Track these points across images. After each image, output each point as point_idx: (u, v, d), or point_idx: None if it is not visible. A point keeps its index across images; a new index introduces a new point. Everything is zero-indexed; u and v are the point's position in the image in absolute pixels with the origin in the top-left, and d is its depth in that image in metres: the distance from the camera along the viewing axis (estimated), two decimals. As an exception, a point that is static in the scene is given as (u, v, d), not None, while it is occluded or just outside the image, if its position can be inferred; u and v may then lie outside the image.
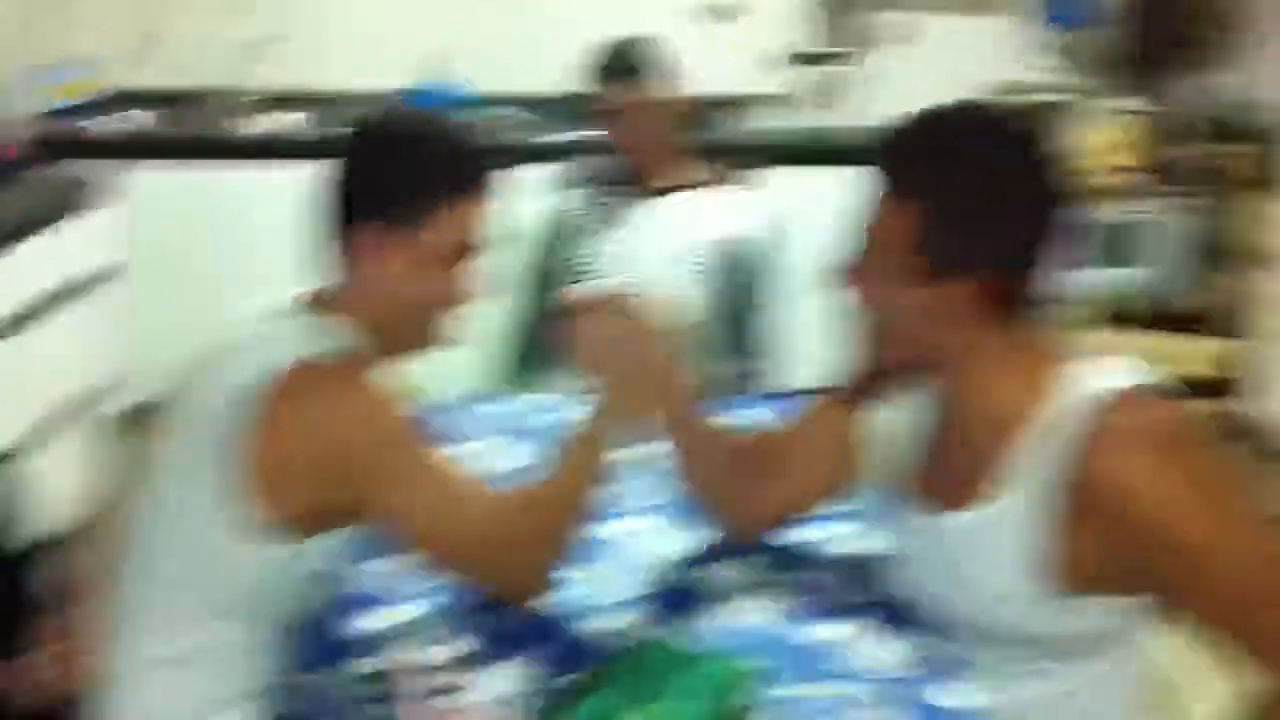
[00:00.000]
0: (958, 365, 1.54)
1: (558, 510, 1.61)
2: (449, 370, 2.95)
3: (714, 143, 4.30)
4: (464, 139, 1.69)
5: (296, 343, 1.58)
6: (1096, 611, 1.52)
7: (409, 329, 1.67)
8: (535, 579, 1.61)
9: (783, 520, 1.85)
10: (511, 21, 4.60)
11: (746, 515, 1.82)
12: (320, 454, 1.52)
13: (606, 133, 2.92)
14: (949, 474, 1.59)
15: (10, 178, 3.40)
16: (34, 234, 3.11)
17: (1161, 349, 4.01)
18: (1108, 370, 1.51)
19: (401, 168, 1.64)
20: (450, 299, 1.66)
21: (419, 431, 1.60)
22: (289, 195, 1.69)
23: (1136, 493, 1.41)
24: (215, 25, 4.45)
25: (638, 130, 2.86)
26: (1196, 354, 4.10)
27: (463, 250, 1.65)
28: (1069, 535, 1.47)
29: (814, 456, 1.79)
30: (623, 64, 2.86)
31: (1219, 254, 4.53)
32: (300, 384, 1.54)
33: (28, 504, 1.85)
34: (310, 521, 1.57)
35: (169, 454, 1.64)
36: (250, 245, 3.99)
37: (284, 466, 1.53)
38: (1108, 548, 1.45)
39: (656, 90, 2.86)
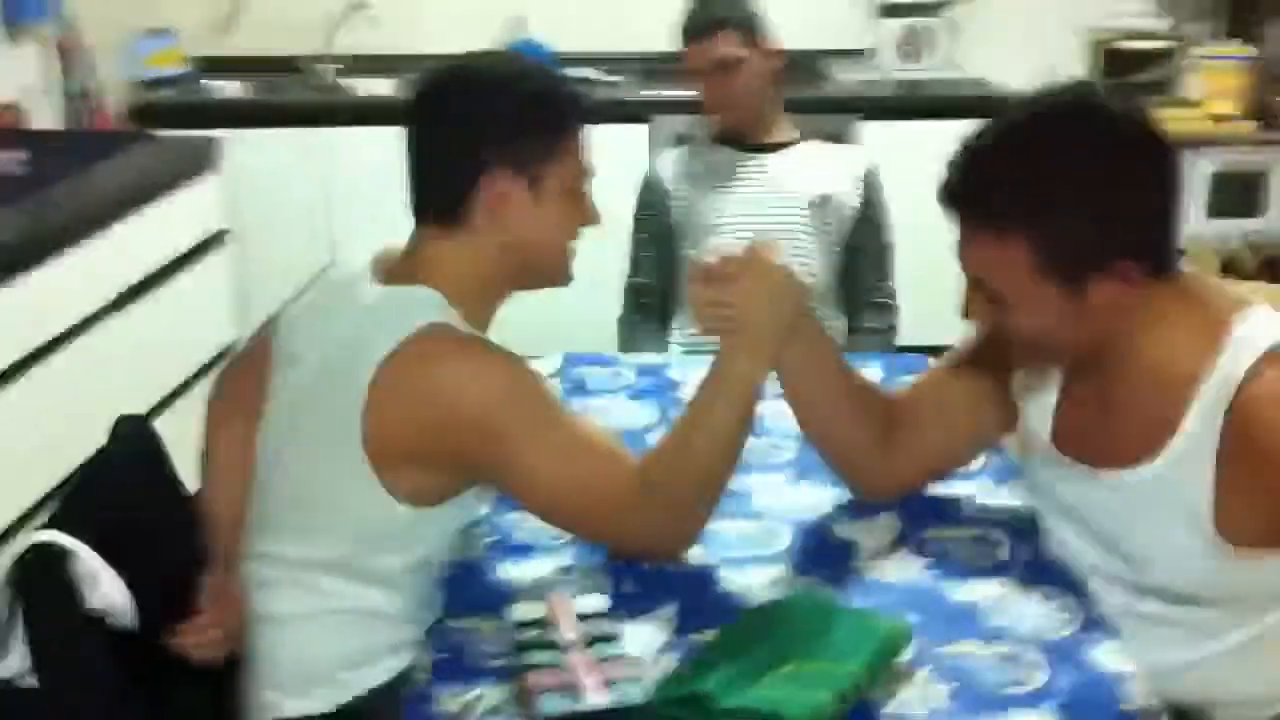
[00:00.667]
0: (1117, 336, 1.50)
1: (707, 458, 1.60)
2: (562, 330, 2.98)
3: (802, 98, 4.27)
4: (548, 75, 1.72)
5: (410, 314, 1.58)
6: (1273, 567, 1.49)
7: (544, 266, 1.70)
8: (684, 533, 1.63)
9: (920, 482, 1.83)
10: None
11: (882, 475, 1.80)
12: (450, 421, 1.53)
13: (697, 91, 2.85)
14: (1108, 433, 1.56)
15: (107, 149, 3.42)
16: (138, 206, 3.13)
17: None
18: (1267, 321, 1.48)
19: (509, 111, 1.64)
20: (577, 228, 1.71)
21: (549, 393, 1.61)
22: (382, 157, 1.70)
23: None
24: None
25: (728, 88, 2.78)
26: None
27: (581, 178, 1.69)
28: (1237, 487, 1.44)
29: (954, 413, 1.77)
30: (710, 20, 2.78)
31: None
32: (427, 353, 1.55)
33: (167, 462, 1.88)
34: (444, 488, 1.59)
35: (295, 412, 1.66)
36: (348, 207, 4.02)
37: (415, 435, 1.54)
38: (1271, 499, 1.42)
39: (746, 45, 2.77)
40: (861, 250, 2.86)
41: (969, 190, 1.47)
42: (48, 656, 1.51)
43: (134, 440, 1.90)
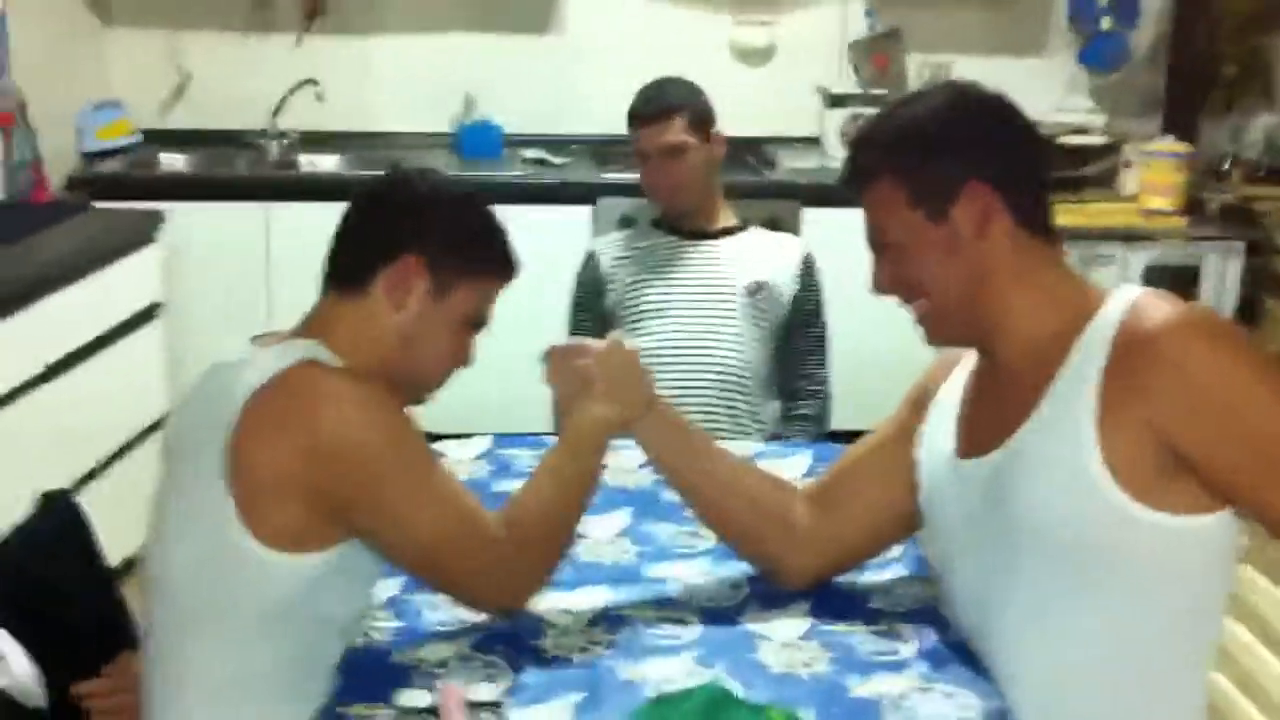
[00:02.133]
0: (998, 310, 1.57)
1: (557, 510, 1.69)
2: (494, 408, 2.98)
3: (747, 184, 4.32)
4: (500, 223, 1.75)
5: (286, 356, 1.59)
6: (1166, 530, 1.49)
7: (414, 371, 1.70)
8: (533, 582, 1.69)
9: (836, 568, 1.83)
10: (544, 64, 4.63)
11: (796, 563, 1.80)
12: (318, 450, 1.52)
13: (642, 175, 2.89)
14: (995, 419, 1.59)
15: (47, 220, 3.41)
16: (76, 277, 3.12)
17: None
18: (1144, 294, 1.53)
19: (453, 220, 1.70)
20: (453, 358, 1.73)
21: (419, 437, 1.62)
22: (324, 233, 1.71)
23: (1179, 364, 1.43)
24: (250, 67, 4.48)
25: (673, 173, 2.82)
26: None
27: (478, 320, 1.73)
28: (1122, 426, 1.46)
29: (867, 496, 1.79)
30: (662, 106, 2.82)
31: (1262, 296, 4.50)
32: (299, 382, 1.56)
33: (90, 538, 1.87)
34: (307, 531, 1.55)
35: (173, 478, 1.65)
36: (288, 282, 4.01)
37: (277, 472, 1.53)
38: (1160, 435, 1.45)
39: (693, 134, 2.81)
40: (796, 337, 2.88)
41: (852, 163, 1.65)
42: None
43: (57, 515, 1.89)
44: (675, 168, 2.81)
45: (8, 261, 3.07)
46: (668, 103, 2.82)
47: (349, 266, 1.68)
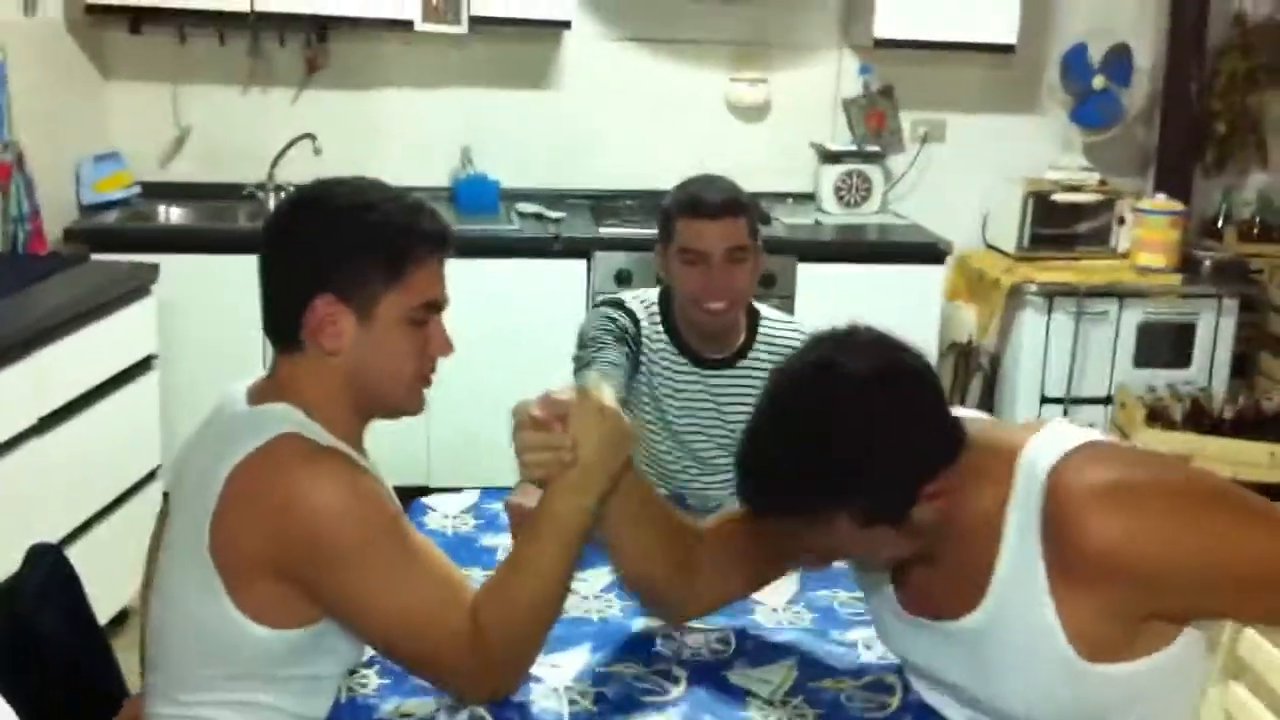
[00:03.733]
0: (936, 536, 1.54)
1: (533, 599, 1.60)
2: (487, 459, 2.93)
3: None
4: (398, 204, 1.65)
5: (267, 426, 1.57)
6: (1133, 672, 1.48)
7: (385, 394, 1.66)
8: (510, 675, 1.62)
9: (721, 604, 1.83)
10: (541, 119, 4.66)
11: (687, 603, 1.80)
12: (289, 531, 1.51)
13: (688, 279, 2.46)
14: (941, 587, 1.57)
15: (43, 272, 3.42)
16: (72, 329, 3.12)
17: (1213, 452, 3.95)
18: (1051, 439, 1.51)
19: (342, 240, 1.60)
20: (423, 358, 1.66)
21: (394, 517, 1.57)
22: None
23: (1110, 552, 1.41)
24: (249, 120, 4.52)
25: (737, 279, 2.45)
26: (1250, 456, 4.01)
27: (426, 308, 1.65)
28: (1071, 589, 1.45)
29: (742, 551, 1.77)
30: (728, 201, 2.44)
31: (1256, 352, 4.52)
32: (275, 460, 1.54)
33: (79, 591, 1.86)
34: (289, 608, 1.55)
35: (169, 538, 1.65)
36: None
37: (253, 551, 1.52)
38: (1116, 607, 1.44)
39: (753, 239, 2.47)
40: None
41: (772, 497, 1.52)
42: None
43: (46, 569, 1.88)
44: (737, 275, 2.44)
45: (5, 313, 3.07)
46: (737, 200, 2.46)
47: (275, 327, 1.66)
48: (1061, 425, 1.56)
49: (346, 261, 1.59)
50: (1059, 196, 4.56)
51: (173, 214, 4.36)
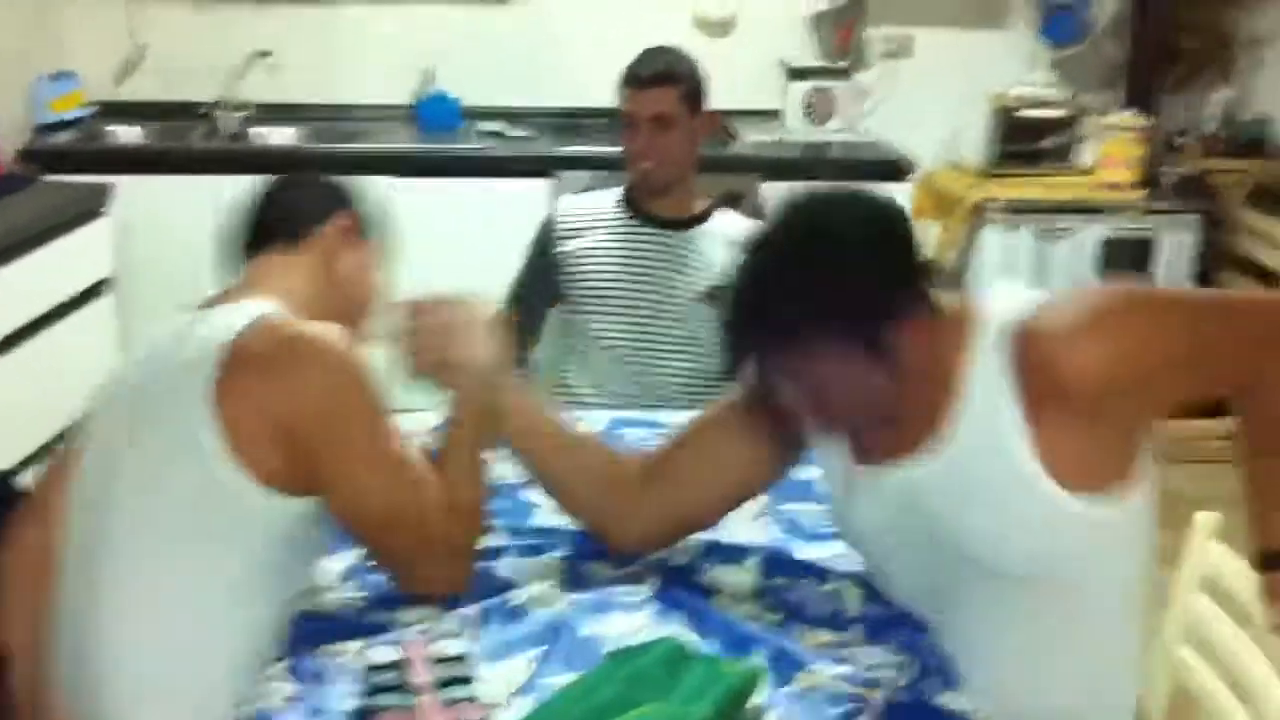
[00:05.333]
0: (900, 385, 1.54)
1: (477, 500, 1.72)
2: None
3: (706, 157, 4.30)
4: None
5: (254, 311, 1.62)
6: (1103, 513, 1.51)
7: (351, 313, 1.79)
8: (464, 569, 1.70)
9: (671, 538, 1.83)
10: (504, 37, 4.60)
11: (630, 530, 1.80)
12: (283, 410, 1.55)
13: (625, 142, 2.78)
14: (905, 435, 1.58)
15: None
16: (25, 251, 3.08)
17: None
18: (1008, 295, 1.57)
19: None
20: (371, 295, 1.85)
21: (382, 406, 1.61)
22: None
23: (1098, 376, 1.45)
24: (205, 39, 4.44)
25: (658, 144, 2.72)
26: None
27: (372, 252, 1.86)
28: (1055, 436, 1.48)
29: (715, 469, 1.78)
30: (657, 72, 2.72)
31: (1218, 270, 4.53)
32: (275, 336, 1.59)
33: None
34: (293, 475, 1.56)
35: (129, 432, 1.62)
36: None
37: (262, 416, 1.54)
38: (1103, 429, 1.48)
39: (685, 107, 2.73)
40: None
41: (764, 334, 1.56)
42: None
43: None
44: (662, 139, 2.72)
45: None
46: (666, 70, 2.73)
47: (286, 226, 1.80)
48: (1011, 286, 1.62)
49: (369, 202, 1.87)
50: (1024, 113, 4.54)
51: (128, 134, 4.28)
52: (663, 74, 2.72)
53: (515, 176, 4.13)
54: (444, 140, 4.35)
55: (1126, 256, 4.42)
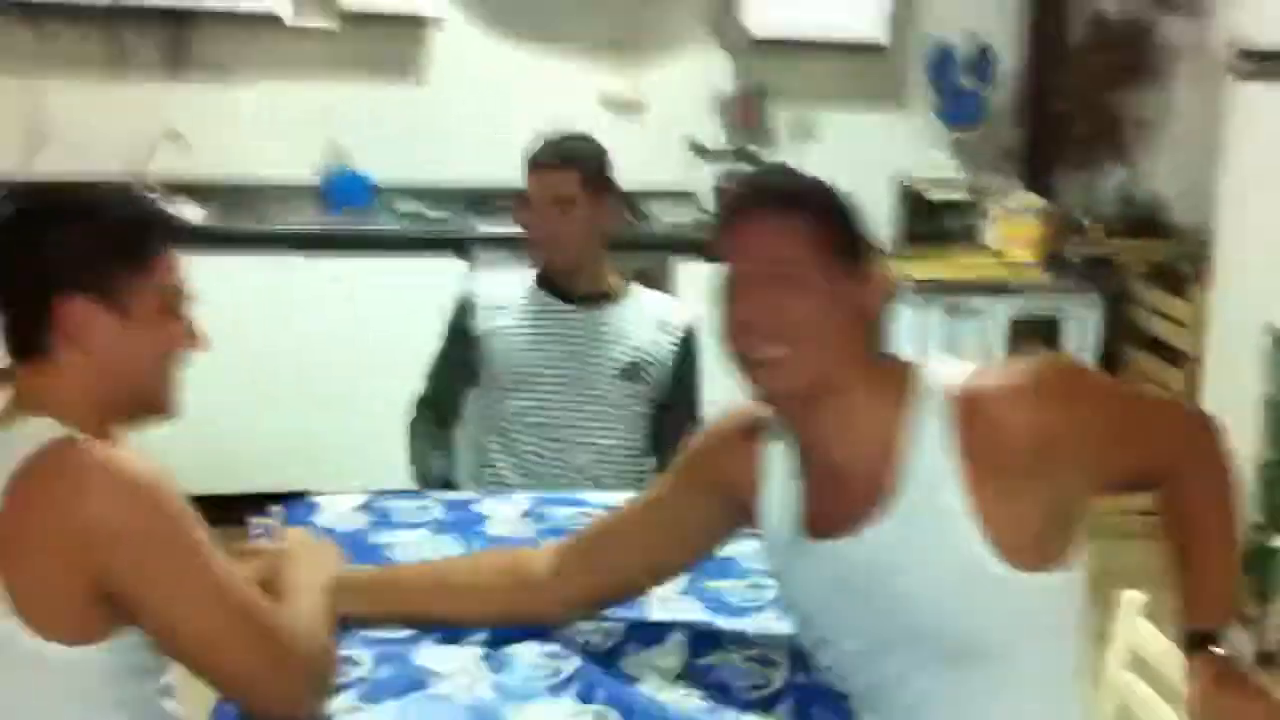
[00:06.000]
0: (828, 397, 1.55)
1: (321, 631, 1.65)
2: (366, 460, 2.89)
3: (619, 236, 4.32)
4: (128, 200, 1.69)
5: (35, 437, 1.50)
6: (1040, 582, 1.52)
7: (142, 392, 1.62)
8: (308, 688, 1.58)
9: (593, 607, 1.83)
10: (413, 114, 4.61)
11: (549, 610, 1.81)
12: (82, 542, 1.44)
13: (526, 224, 2.75)
14: (848, 501, 1.57)
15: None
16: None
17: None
18: (943, 363, 1.59)
19: (83, 240, 1.58)
20: (174, 352, 1.65)
21: (188, 524, 1.51)
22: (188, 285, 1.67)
23: (1036, 435, 1.48)
24: (112, 115, 4.37)
25: (558, 226, 2.68)
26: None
27: (175, 300, 1.63)
28: (994, 501, 1.49)
29: (641, 549, 1.80)
30: (557, 155, 2.69)
31: (1122, 345, 4.65)
32: (55, 469, 1.47)
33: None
34: (87, 621, 1.48)
35: None
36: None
37: (47, 560, 1.45)
38: (1039, 495, 1.50)
39: (586, 190, 2.68)
40: (671, 409, 2.79)
41: (779, 183, 1.65)
42: None
43: None
44: (560, 221, 2.67)
45: None
46: (566, 153, 2.70)
47: (23, 334, 1.58)
48: (945, 357, 1.65)
49: (89, 260, 1.57)
50: (930, 194, 4.65)
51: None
52: (564, 156, 2.69)
53: (431, 253, 4.12)
54: (356, 219, 4.33)
55: (1035, 335, 4.52)
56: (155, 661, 1.57)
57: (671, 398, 2.78)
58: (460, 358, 2.80)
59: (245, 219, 4.26)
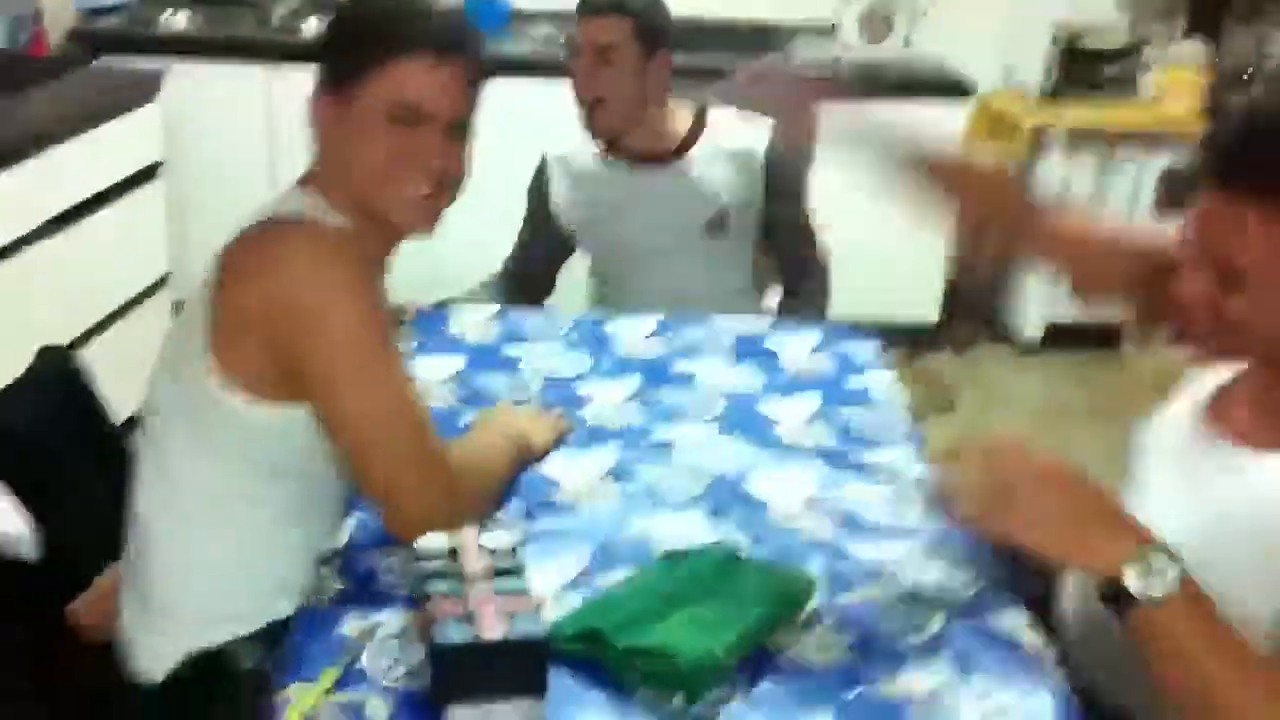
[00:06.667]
0: None
1: (479, 474, 1.63)
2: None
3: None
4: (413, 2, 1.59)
5: (280, 204, 1.55)
6: None
7: (368, 198, 1.57)
8: (450, 507, 1.53)
9: None
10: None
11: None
12: (270, 311, 1.46)
13: (571, 76, 2.50)
14: (1252, 416, 1.44)
15: (45, 74, 3.33)
16: (77, 132, 3.05)
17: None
18: None
19: (337, 29, 1.59)
20: (390, 165, 1.55)
21: (377, 318, 1.50)
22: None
23: None
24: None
25: (598, 77, 2.45)
26: None
27: (398, 113, 1.54)
28: None
29: None
30: (604, 2, 2.44)
31: None
32: (266, 238, 1.50)
33: (91, 394, 1.84)
34: (272, 382, 1.50)
35: (172, 329, 1.61)
36: (292, 146, 3.93)
37: (240, 323, 1.48)
38: None
39: (634, 41, 2.44)
40: (778, 230, 2.66)
41: (1260, 160, 1.30)
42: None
43: (54, 371, 1.85)
44: (603, 74, 2.45)
45: (7, 112, 3.00)
46: (617, 1, 2.45)
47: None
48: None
49: (337, 48, 1.57)
50: (1087, 39, 4.45)
51: (176, 20, 4.21)
52: (612, 3, 2.45)
53: (564, 78, 4.07)
54: (491, 41, 4.30)
55: (1185, 189, 4.34)
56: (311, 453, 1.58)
57: (773, 228, 2.65)
58: (542, 230, 2.70)
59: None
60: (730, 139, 2.58)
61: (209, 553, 1.57)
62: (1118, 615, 1.25)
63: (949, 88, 4.24)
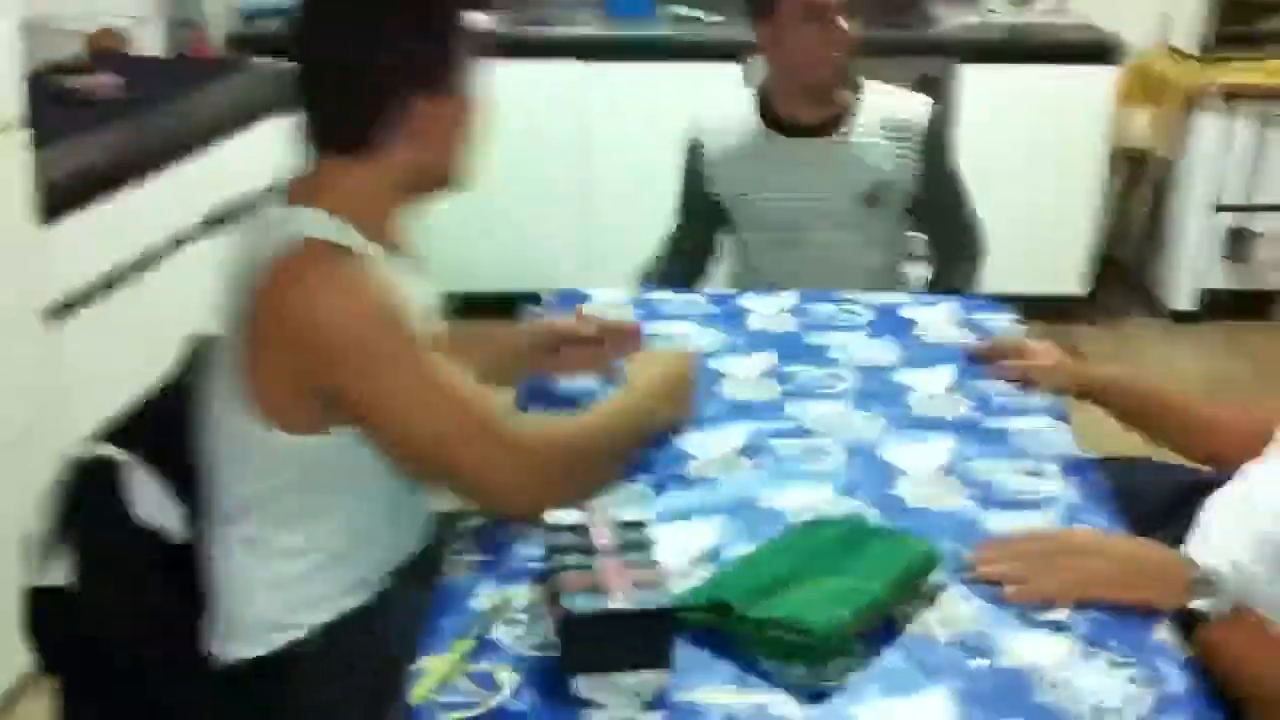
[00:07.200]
0: None
1: (592, 453, 1.64)
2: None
3: (902, 38, 4.19)
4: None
5: (295, 230, 1.51)
6: None
7: (455, 174, 1.62)
8: (541, 492, 1.54)
9: None
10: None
11: None
12: (304, 342, 1.48)
13: (790, 39, 2.47)
14: None
15: (205, 75, 3.47)
16: (231, 133, 3.17)
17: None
18: None
19: (403, 31, 1.55)
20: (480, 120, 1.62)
21: (403, 328, 1.51)
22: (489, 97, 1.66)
23: None
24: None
25: (838, 38, 2.44)
26: None
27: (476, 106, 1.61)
28: None
29: None
30: None
31: None
32: (299, 270, 1.48)
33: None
34: (311, 414, 1.53)
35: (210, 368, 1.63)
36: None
37: (271, 355, 1.50)
38: None
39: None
40: (937, 202, 2.63)
41: None
42: (92, 564, 1.51)
43: (204, 358, 1.92)
44: (840, 34, 2.44)
45: (172, 113, 3.14)
46: None
47: (344, 130, 1.56)
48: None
49: (433, 51, 1.55)
50: None
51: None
52: None
53: (706, 60, 4.09)
54: (636, 25, 4.33)
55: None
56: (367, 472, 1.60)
57: (931, 201, 2.63)
58: (699, 207, 2.71)
59: (530, 26, 4.31)
60: (889, 110, 2.57)
61: (286, 569, 1.61)
62: (1187, 638, 1.34)
63: (1098, 52, 4.14)
